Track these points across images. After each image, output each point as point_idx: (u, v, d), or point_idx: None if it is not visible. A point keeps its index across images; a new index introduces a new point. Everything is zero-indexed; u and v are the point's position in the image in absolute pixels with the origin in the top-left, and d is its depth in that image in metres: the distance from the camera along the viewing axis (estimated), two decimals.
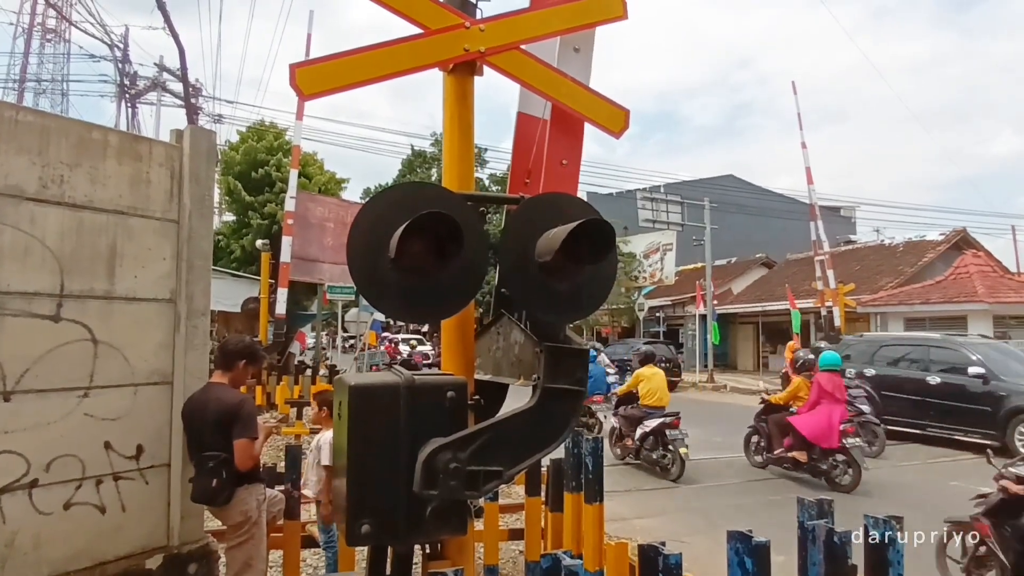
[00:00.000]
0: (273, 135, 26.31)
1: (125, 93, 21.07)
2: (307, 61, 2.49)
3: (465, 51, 2.69)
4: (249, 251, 23.78)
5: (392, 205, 2.18)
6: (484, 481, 2.20)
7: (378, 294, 2.20)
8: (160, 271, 3.87)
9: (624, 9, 3.04)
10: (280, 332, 13.98)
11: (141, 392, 3.79)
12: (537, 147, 3.12)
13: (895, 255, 25.94)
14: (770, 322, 28.39)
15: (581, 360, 2.49)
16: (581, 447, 4.20)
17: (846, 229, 40.80)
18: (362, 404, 2.11)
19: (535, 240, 2.29)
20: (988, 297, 18.14)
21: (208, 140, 4.14)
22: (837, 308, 19.18)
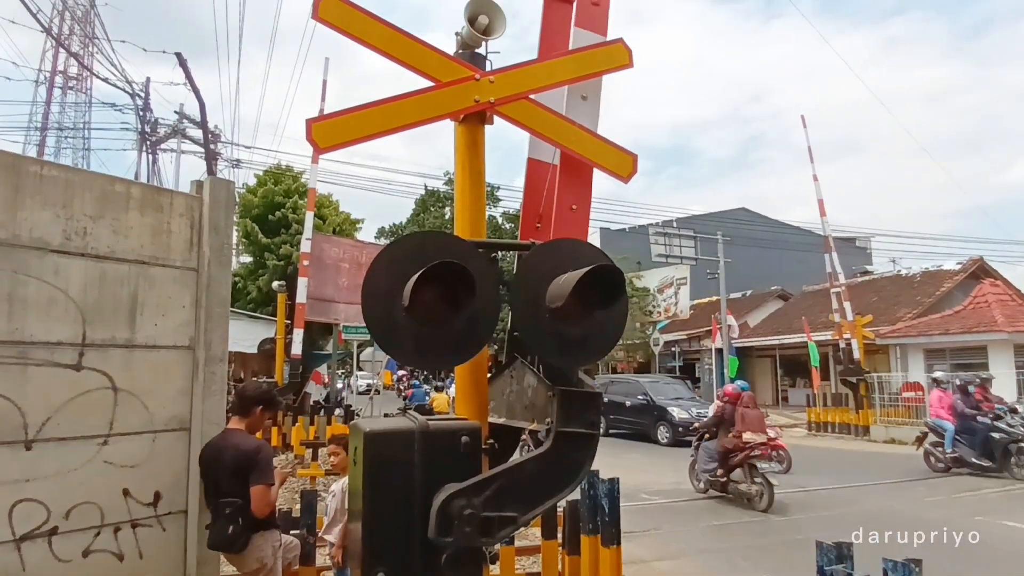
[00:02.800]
0: (290, 178, 26.78)
1: (146, 140, 21.59)
2: (322, 116, 2.58)
3: (476, 102, 2.77)
4: (265, 292, 24.02)
5: (405, 254, 2.23)
6: (499, 527, 2.20)
7: (392, 342, 2.24)
8: (180, 319, 3.95)
9: (630, 58, 3.12)
10: (296, 372, 14.04)
11: (160, 439, 3.83)
12: (547, 192, 3.18)
13: (912, 285, 25.70)
14: (788, 355, 28.09)
15: (594, 403, 2.49)
16: (597, 489, 4.17)
17: (862, 260, 40.52)
18: (377, 450, 2.14)
19: (546, 286, 2.33)
20: (1008, 326, 17.87)
21: (227, 190, 4.25)
22: (855, 340, 18.97)
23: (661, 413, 17.97)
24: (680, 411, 17.62)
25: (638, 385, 19.91)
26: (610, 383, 20.92)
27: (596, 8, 3.24)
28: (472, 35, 2.88)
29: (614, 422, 19.59)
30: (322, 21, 2.59)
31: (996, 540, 7.44)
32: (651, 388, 19.31)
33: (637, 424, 18.78)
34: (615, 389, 20.21)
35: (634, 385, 20.14)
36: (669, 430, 17.49)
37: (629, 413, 19.17)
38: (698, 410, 17.36)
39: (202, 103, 15.65)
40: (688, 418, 17.06)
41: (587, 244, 2.54)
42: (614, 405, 19.51)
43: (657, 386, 19.74)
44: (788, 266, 37.33)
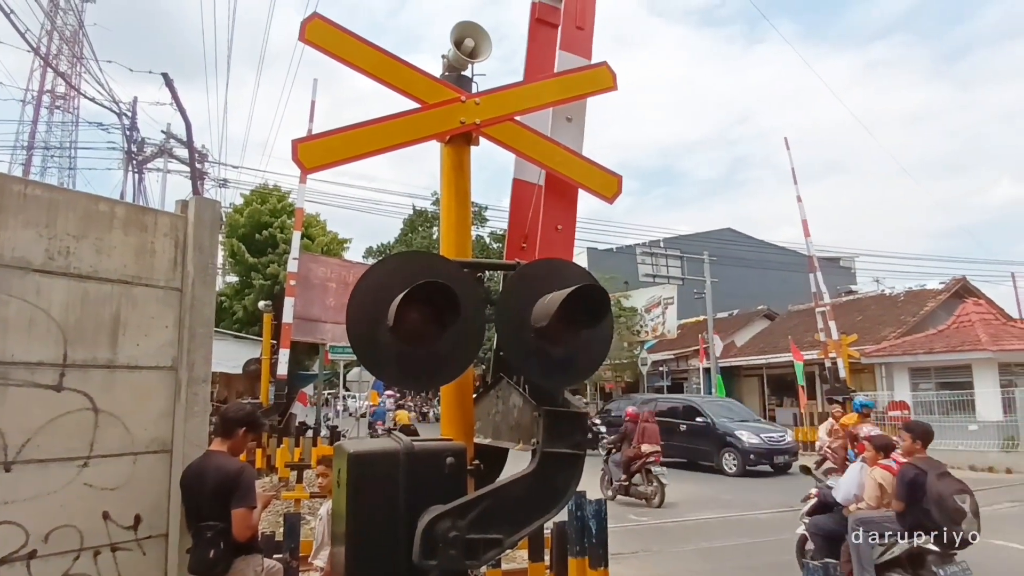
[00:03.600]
0: (277, 198, 26.75)
1: (132, 160, 21.52)
2: (308, 137, 2.59)
3: (461, 123, 2.79)
4: (251, 312, 23.86)
5: (390, 274, 2.23)
6: (484, 549, 2.19)
7: (377, 362, 2.23)
8: (162, 339, 3.91)
9: (614, 81, 3.16)
10: (281, 393, 13.92)
11: (140, 461, 3.77)
12: (533, 212, 3.20)
13: (896, 305, 25.95)
14: (775, 374, 28.20)
15: (580, 423, 2.49)
16: (584, 510, 4.15)
17: (846, 279, 40.91)
18: (361, 472, 2.12)
19: (531, 306, 2.33)
20: (992, 345, 18.06)
21: (212, 210, 4.23)
22: (841, 359, 19.09)
23: (726, 438, 15.93)
24: (750, 435, 15.69)
25: (692, 406, 17.68)
26: (654, 403, 18.34)
27: (580, 32, 3.28)
28: (458, 58, 2.90)
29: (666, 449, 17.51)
30: (309, 43, 2.60)
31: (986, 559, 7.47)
32: (709, 409, 17.14)
33: (695, 451, 16.71)
34: (663, 409, 17.80)
35: (687, 406, 17.89)
36: (737, 457, 15.52)
37: (684, 438, 16.97)
38: (768, 434, 15.94)
39: (188, 123, 15.65)
40: (759, 443, 15.47)
41: (572, 264, 2.55)
42: (664, 429, 17.41)
43: (714, 406, 17.67)
44: (774, 286, 37.60)
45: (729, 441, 15.83)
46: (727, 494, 12.54)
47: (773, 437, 15.86)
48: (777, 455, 15.44)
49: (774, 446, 15.59)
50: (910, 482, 5.24)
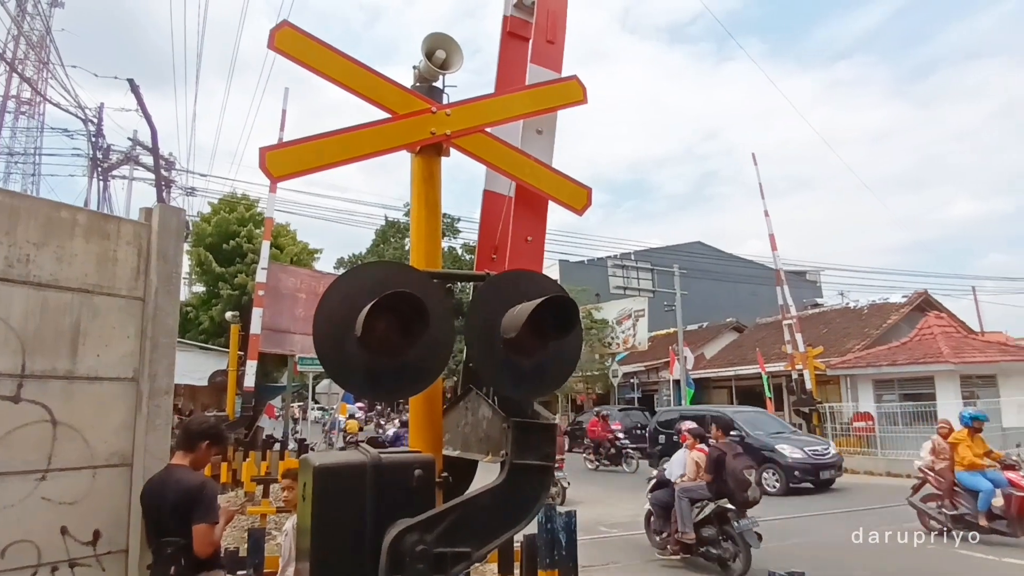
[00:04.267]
0: (245, 207, 26.42)
1: (97, 167, 21.09)
2: (276, 145, 2.56)
3: (432, 134, 2.79)
4: (218, 322, 23.47)
5: (358, 284, 2.21)
6: (452, 563, 2.16)
7: (344, 373, 2.20)
8: (123, 350, 3.82)
9: (584, 94, 3.19)
10: (248, 405, 13.69)
11: (100, 475, 3.67)
12: (503, 224, 3.20)
13: (861, 318, 26.48)
14: (743, 386, 28.52)
15: (549, 435, 2.49)
16: (554, 522, 4.14)
17: (812, 293, 41.68)
18: (326, 485, 2.08)
19: (500, 317, 2.33)
20: (953, 357, 18.51)
21: (177, 218, 4.16)
22: (807, 371, 19.41)
23: (764, 453, 14.08)
24: (792, 449, 14.06)
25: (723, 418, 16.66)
26: (681, 413, 16.88)
27: (551, 46, 3.31)
28: (429, 69, 2.91)
29: None
30: (278, 51, 2.58)
31: (951, 567, 7.62)
32: (741, 420, 15.17)
33: None
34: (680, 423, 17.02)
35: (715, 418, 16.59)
36: (780, 475, 13.85)
37: None
38: (812, 447, 14.33)
39: (153, 129, 15.40)
40: (804, 458, 13.85)
41: (541, 275, 2.56)
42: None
43: (747, 417, 15.76)
44: (742, 298, 38.16)
45: (768, 457, 14.04)
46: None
47: (818, 450, 14.33)
48: (823, 470, 13.98)
49: (819, 460, 14.07)
50: (715, 460, 7.33)
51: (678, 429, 12.91)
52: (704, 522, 7.38)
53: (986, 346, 20.26)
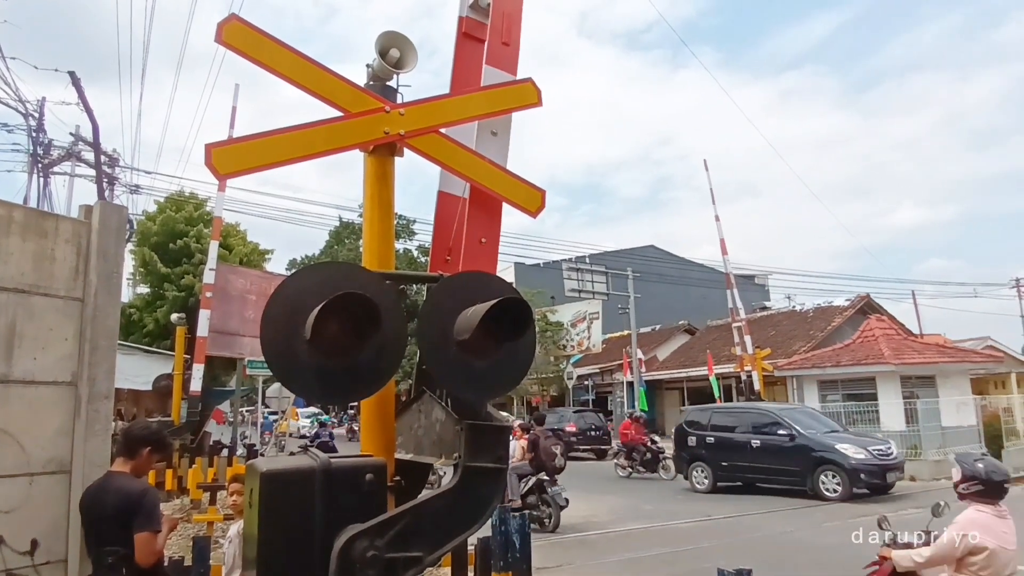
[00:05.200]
0: (193, 206, 25.72)
1: (38, 163, 20.25)
2: (223, 141, 2.49)
3: (385, 134, 2.75)
4: (163, 325, 22.77)
5: (308, 285, 2.17)
6: (404, 568, 2.13)
7: (292, 376, 2.16)
8: (61, 352, 3.68)
9: (539, 97, 3.20)
10: (195, 410, 13.31)
11: (37, 482, 3.54)
12: (457, 225, 3.19)
13: (806, 320, 27.27)
14: (695, 387, 29.06)
15: (503, 437, 2.48)
16: (508, 524, 4.13)
17: (760, 296, 42.74)
18: (274, 491, 2.03)
19: (454, 318, 2.31)
20: (894, 359, 19.18)
21: (119, 216, 4.03)
22: (756, 372, 19.88)
23: (823, 454, 12.65)
24: (856, 449, 12.49)
25: (768, 415, 14.28)
26: (712, 412, 15.62)
27: (506, 48, 3.30)
28: (383, 67, 2.87)
29: (730, 472, 14.16)
30: (226, 45, 2.51)
31: None
32: (791, 419, 13.66)
33: (778, 472, 13.33)
34: (723, 422, 14.87)
35: (760, 415, 14.52)
36: (841, 478, 12.27)
37: (760, 457, 13.57)
38: (876, 446, 12.89)
39: (95, 124, 14.88)
40: (867, 459, 12.35)
41: (495, 277, 2.55)
42: (728, 446, 14.17)
43: (795, 416, 14.07)
44: (694, 301, 38.90)
45: (827, 458, 12.56)
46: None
47: (882, 450, 12.81)
48: (889, 472, 12.59)
49: (885, 461, 12.61)
50: (532, 443, 10.38)
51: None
52: (528, 492, 10.28)
53: (925, 348, 21.07)
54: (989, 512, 3.83)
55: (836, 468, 12.43)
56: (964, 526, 3.80)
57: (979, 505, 3.88)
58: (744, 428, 14.25)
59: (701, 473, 14.57)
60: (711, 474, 14.31)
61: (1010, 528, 3.84)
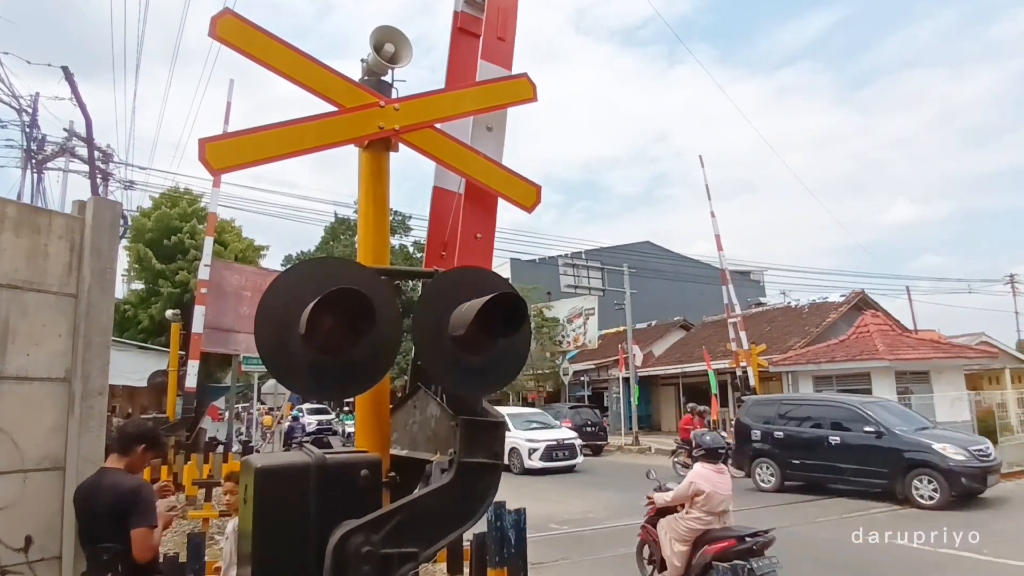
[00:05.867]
0: (188, 201, 25.64)
1: (31, 159, 20.14)
2: (217, 136, 2.48)
3: (380, 129, 2.74)
4: (158, 321, 22.71)
5: (303, 280, 2.16)
6: (399, 564, 2.13)
7: (287, 372, 2.15)
8: (55, 348, 3.66)
9: (534, 92, 3.19)
10: (190, 407, 13.29)
11: (31, 479, 3.53)
12: (452, 220, 3.18)
13: (801, 316, 27.33)
14: (690, 383, 29.11)
15: (498, 433, 2.48)
16: (504, 520, 4.14)
17: (756, 292, 42.81)
18: (268, 487, 2.02)
19: (449, 314, 2.30)
20: (889, 355, 19.26)
21: (112, 211, 4.01)
22: (751, 368, 19.94)
23: (917, 455, 11.22)
24: (955, 449, 11.09)
25: (849, 409, 12.68)
26: (780, 404, 14.32)
27: (502, 43, 3.29)
28: (378, 62, 2.86)
29: (801, 470, 12.88)
30: (220, 40, 2.50)
31: (890, 557, 7.91)
32: (876, 414, 12.15)
33: (862, 474, 11.89)
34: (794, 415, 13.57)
35: (838, 409, 12.96)
36: (939, 482, 10.82)
37: (840, 455, 12.17)
38: (976, 446, 11.53)
39: (88, 119, 14.79)
40: (967, 459, 10.99)
41: (490, 272, 2.54)
42: (799, 442, 12.97)
43: (880, 409, 12.50)
44: (689, 297, 38.93)
45: (922, 460, 11.14)
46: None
47: (982, 450, 11.49)
48: (989, 474, 11.22)
49: (986, 463, 11.25)
50: None
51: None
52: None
53: (919, 343, 21.14)
54: (710, 469, 5.78)
55: (932, 471, 10.99)
56: (692, 477, 5.75)
57: (704, 464, 5.82)
58: (819, 422, 12.97)
59: (766, 471, 13.49)
60: (778, 472, 13.16)
61: (725, 480, 5.80)
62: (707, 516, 5.62)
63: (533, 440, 17.39)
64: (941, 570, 7.44)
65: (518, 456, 17.24)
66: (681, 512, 5.80)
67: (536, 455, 17.02)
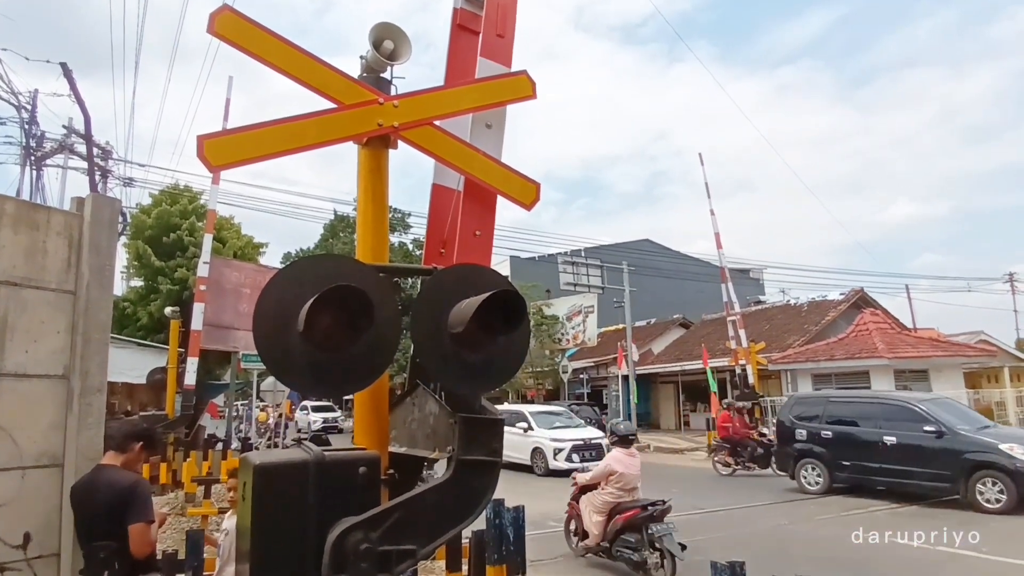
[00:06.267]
0: (188, 199, 25.62)
1: (30, 155, 20.10)
2: (216, 133, 2.47)
3: (379, 126, 2.74)
4: (157, 318, 22.73)
5: (301, 277, 2.15)
6: (397, 561, 2.13)
7: (285, 369, 2.14)
8: (54, 345, 3.66)
9: (533, 90, 3.19)
10: (189, 404, 13.29)
11: (29, 476, 3.53)
12: (452, 218, 3.18)
13: (800, 314, 27.36)
14: (689, 381, 29.15)
15: (496, 430, 2.48)
16: (503, 517, 4.14)
17: (755, 290, 42.84)
18: (267, 485, 2.02)
19: (448, 311, 2.30)
20: (888, 353, 19.29)
21: (111, 208, 4.00)
22: (750, 366, 19.95)
23: (981, 456, 10.42)
24: (1023, 450, 10.27)
25: (904, 407, 11.81)
26: (827, 402, 13.23)
27: (501, 40, 3.29)
28: (377, 59, 2.85)
29: (853, 472, 12.04)
30: (218, 36, 2.49)
31: (887, 556, 7.92)
32: (934, 412, 11.33)
33: (919, 475, 11.02)
34: (843, 413, 12.63)
35: (893, 407, 12.04)
36: (1005, 485, 10.05)
37: (895, 457, 11.32)
38: None
39: (87, 115, 14.77)
40: None
41: (489, 269, 2.54)
42: (850, 442, 12.09)
43: (937, 408, 11.63)
44: (689, 295, 38.92)
45: (986, 461, 10.35)
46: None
47: None
48: None
49: None
50: None
51: None
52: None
53: (918, 342, 21.18)
54: (623, 452, 7.13)
55: (998, 473, 10.16)
56: (607, 459, 7.19)
57: (618, 448, 7.21)
58: (872, 421, 12.08)
59: (813, 472, 12.62)
60: (827, 474, 12.33)
61: (635, 462, 7.11)
62: (620, 492, 6.94)
63: (558, 439, 16.34)
64: (941, 570, 7.45)
65: (542, 456, 16.33)
66: (599, 489, 7.08)
67: (562, 455, 15.97)
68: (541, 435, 16.66)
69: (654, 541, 6.56)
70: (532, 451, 16.49)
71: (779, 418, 14.09)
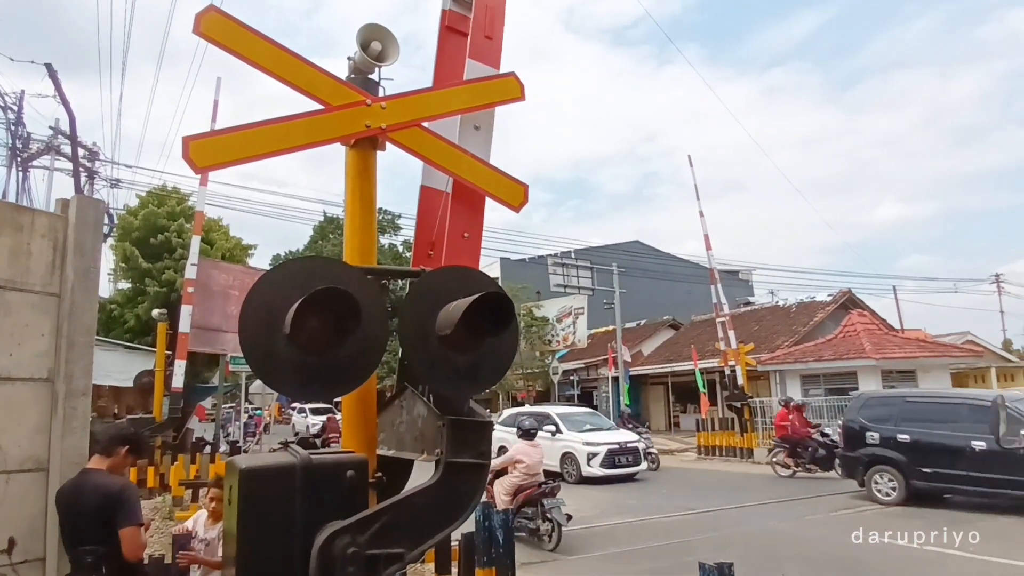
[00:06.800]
0: (175, 200, 25.43)
1: (16, 157, 19.91)
2: (202, 134, 2.45)
3: (367, 127, 2.73)
4: (145, 320, 22.51)
5: (288, 279, 2.14)
6: (385, 564, 2.12)
7: (271, 372, 2.13)
8: (37, 348, 3.62)
9: (522, 91, 3.19)
10: (177, 407, 13.19)
11: (13, 480, 3.49)
12: (440, 220, 3.17)
13: (789, 315, 27.48)
14: (679, 382, 29.22)
15: (484, 433, 2.47)
16: (492, 520, 4.13)
17: (744, 292, 42.99)
18: (253, 489, 2.01)
19: (436, 313, 2.30)
20: (875, 353, 19.41)
21: (96, 210, 3.96)
22: (739, 367, 20.03)
23: None
24: None
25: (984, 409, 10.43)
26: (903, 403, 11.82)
27: (489, 42, 3.29)
28: (365, 60, 2.84)
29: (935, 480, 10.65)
30: (204, 36, 2.48)
31: (873, 555, 7.96)
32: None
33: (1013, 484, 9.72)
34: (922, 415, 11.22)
35: (980, 410, 10.55)
36: None
37: (986, 464, 9.96)
38: None
39: (72, 116, 14.66)
40: None
41: (477, 272, 2.54)
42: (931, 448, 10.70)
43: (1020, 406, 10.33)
44: (678, 297, 39.03)
45: None
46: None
47: None
48: None
49: None
50: None
51: None
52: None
53: (906, 342, 21.33)
54: (527, 444, 8.93)
55: None
56: (513, 449, 8.95)
57: (524, 440, 9.02)
58: (956, 425, 10.69)
59: (887, 480, 11.22)
60: (903, 482, 10.93)
61: (538, 451, 8.98)
62: (526, 476, 8.67)
63: (592, 443, 14.88)
64: (941, 570, 7.48)
65: (574, 462, 14.86)
66: (509, 474, 8.74)
67: (596, 461, 14.54)
68: (572, 439, 15.23)
69: (546, 513, 8.43)
70: (562, 456, 15.12)
71: (846, 419, 12.71)
